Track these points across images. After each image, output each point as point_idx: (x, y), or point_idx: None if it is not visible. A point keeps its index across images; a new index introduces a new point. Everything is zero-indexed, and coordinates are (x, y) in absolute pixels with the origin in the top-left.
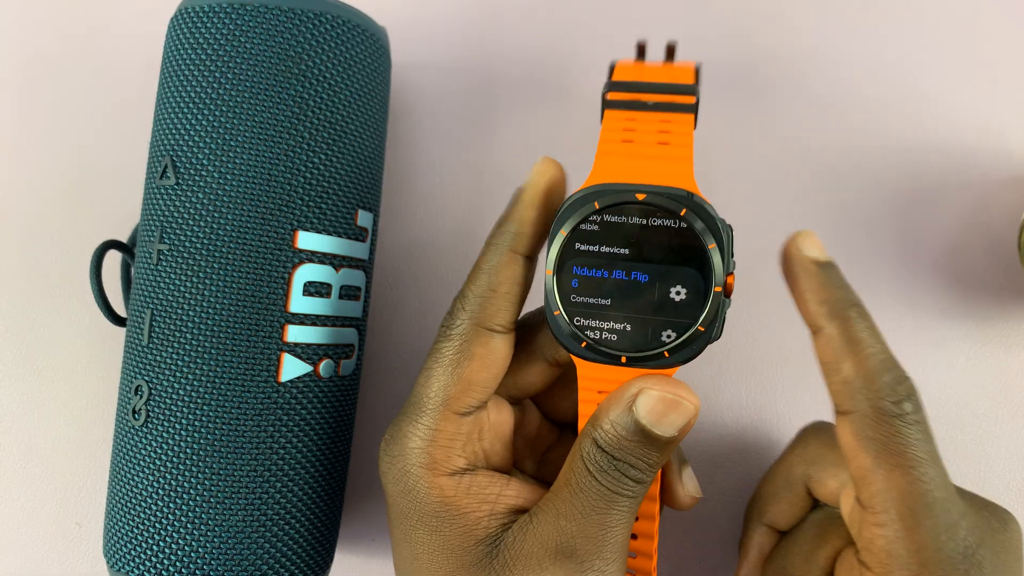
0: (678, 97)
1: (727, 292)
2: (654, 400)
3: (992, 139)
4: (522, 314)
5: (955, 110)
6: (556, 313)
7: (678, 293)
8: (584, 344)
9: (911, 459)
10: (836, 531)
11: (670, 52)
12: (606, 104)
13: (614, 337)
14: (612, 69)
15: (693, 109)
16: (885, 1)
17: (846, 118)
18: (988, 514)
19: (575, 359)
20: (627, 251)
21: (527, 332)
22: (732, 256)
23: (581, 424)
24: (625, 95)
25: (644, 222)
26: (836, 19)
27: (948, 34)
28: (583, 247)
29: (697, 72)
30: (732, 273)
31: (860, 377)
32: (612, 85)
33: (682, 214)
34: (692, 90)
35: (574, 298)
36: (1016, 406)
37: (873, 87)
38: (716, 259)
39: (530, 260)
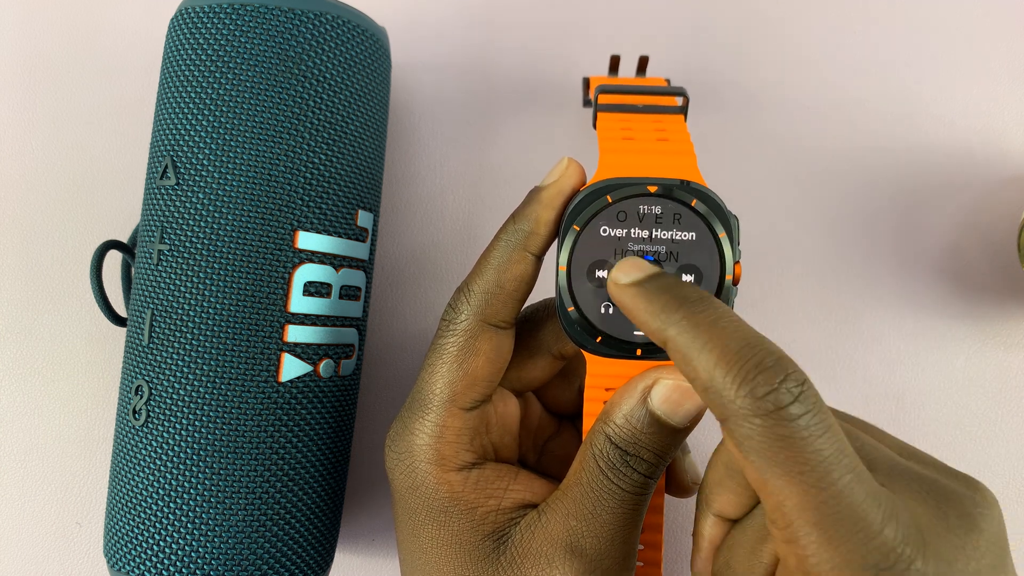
0: (667, 99)
1: (735, 280)
2: (669, 389)
3: (992, 139)
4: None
5: (955, 110)
6: (570, 309)
7: (691, 283)
8: (599, 339)
9: (803, 462)
10: None
11: (642, 65)
12: (598, 107)
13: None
14: (586, 84)
15: (683, 110)
16: (885, 2)
17: (846, 119)
18: (946, 507)
19: (586, 355)
20: (639, 244)
21: (531, 326)
22: (739, 245)
23: (587, 423)
24: (616, 98)
25: (656, 214)
26: (836, 19)
27: (948, 35)
28: (596, 242)
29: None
30: (739, 262)
31: (719, 372)
32: (603, 88)
33: (692, 204)
34: (680, 91)
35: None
36: (1016, 406)
37: (873, 87)
38: (727, 248)
39: (539, 259)
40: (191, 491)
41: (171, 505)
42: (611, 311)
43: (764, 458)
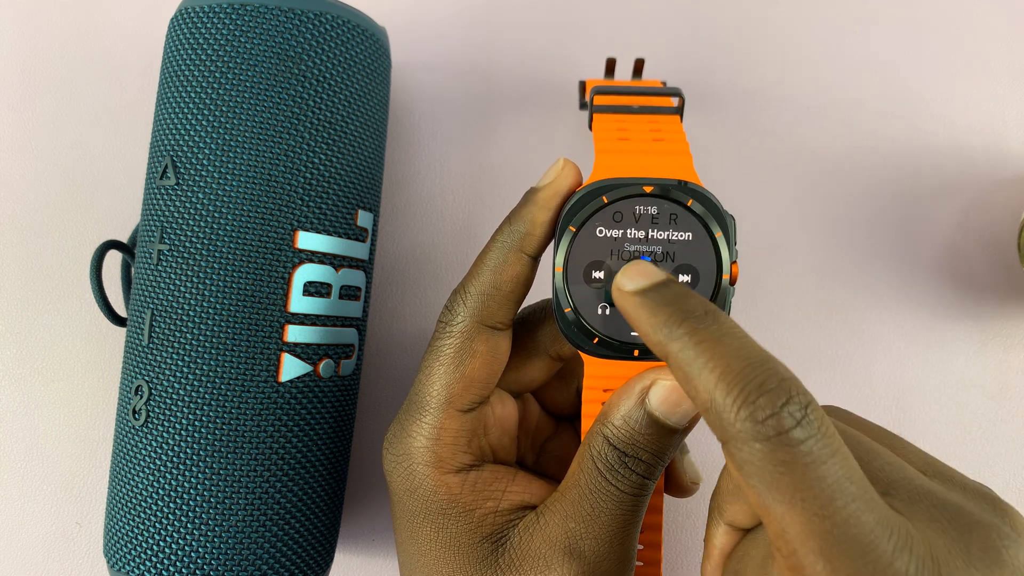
0: (662, 100)
1: (732, 280)
2: (667, 390)
3: (992, 139)
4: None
5: (955, 110)
6: (567, 310)
7: (687, 283)
8: (596, 340)
9: (806, 489)
10: None
11: (638, 68)
12: (594, 108)
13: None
14: (582, 87)
15: (678, 110)
16: (886, 2)
17: (846, 119)
18: (968, 537)
19: (584, 356)
20: (636, 245)
21: (528, 328)
22: (736, 245)
23: (585, 424)
24: (612, 99)
25: (652, 214)
26: (835, 19)
27: (948, 35)
28: (592, 242)
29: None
30: (736, 262)
31: (720, 392)
32: (599, 89)
33: (688, 204)
34: (675, 92)
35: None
36: (1016, 406)
37: (873, 87)
38: (723, 248)
39: (535, 260)
40: (191, 491)
41: (171, 505)
42: (608, 312)
43: (765, 483)
